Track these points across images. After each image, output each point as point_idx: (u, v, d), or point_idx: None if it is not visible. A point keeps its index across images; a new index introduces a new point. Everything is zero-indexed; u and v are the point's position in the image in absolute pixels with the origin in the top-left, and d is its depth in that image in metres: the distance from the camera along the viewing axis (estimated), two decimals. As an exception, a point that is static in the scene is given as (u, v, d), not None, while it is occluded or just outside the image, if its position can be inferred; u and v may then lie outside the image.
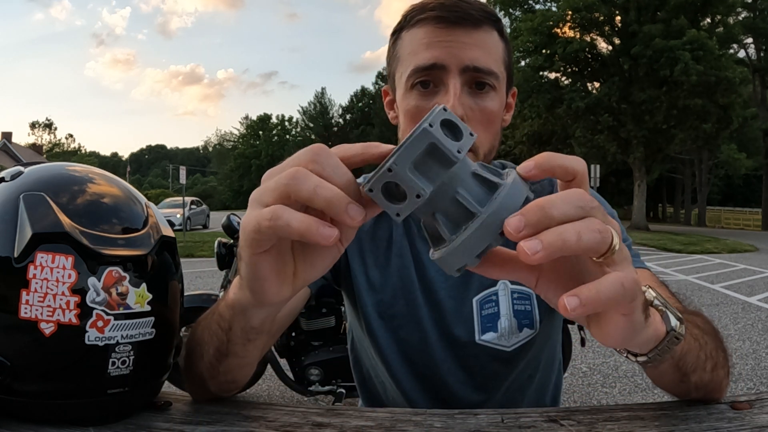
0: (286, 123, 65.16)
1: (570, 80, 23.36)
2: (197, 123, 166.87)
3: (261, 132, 64.50)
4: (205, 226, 22.87)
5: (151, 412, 0.62)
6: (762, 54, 29.63)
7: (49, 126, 65.74)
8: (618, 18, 22.39)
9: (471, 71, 0.76)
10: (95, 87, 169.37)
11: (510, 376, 0.87)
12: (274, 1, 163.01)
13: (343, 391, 2.76)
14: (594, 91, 22.93)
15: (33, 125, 64.40)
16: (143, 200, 0.65)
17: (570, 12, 21.72)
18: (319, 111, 61.41)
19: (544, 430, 0.57)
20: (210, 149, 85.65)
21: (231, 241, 3.20)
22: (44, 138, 64.10)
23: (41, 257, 0.53)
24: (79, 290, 0.54)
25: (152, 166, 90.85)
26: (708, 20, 23.20)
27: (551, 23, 22.05)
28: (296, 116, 66.25)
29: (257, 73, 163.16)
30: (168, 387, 0.68)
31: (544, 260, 0.34)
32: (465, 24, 0.76)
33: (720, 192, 41.22)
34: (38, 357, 0.54)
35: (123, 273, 0.56)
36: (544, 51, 22.10)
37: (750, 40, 29.55)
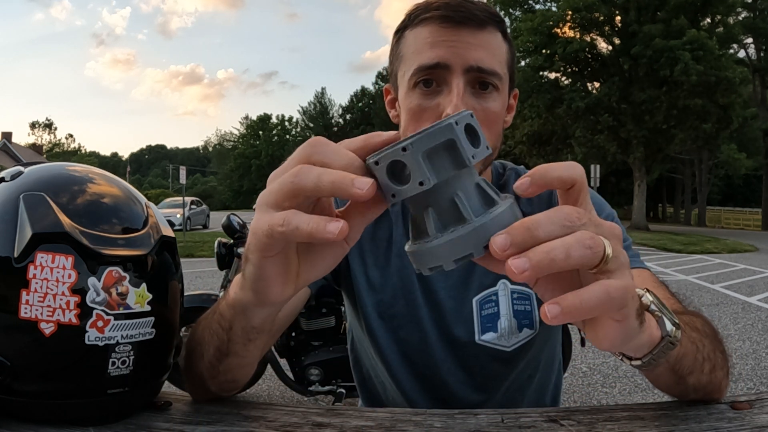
0: (286, 123, 65.20)
1: (570, 80, 23.36)
2: (197, 123, 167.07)
3: (261, 132, 64.52)
4: (205, 226, 22.88)
5: (151, 412, 0.62)
6: (762, 54, 29.64)
7: (49, 126, 65.82)
8: (618, 18, 22.39)
9: (475, 71, 0.76)
10: (95, 87, 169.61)
11: (510, 376, 0.87)
12: (274, 1, 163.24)
13: (343, 391, 2.76)
14: (594, 91, 22.92)
15: (33, 125, 64.47)
16: (143, 200, 0.65)
17: (570, 12, 21.72)
18: (319, 111, 61.46)
19: (544, 430, 0.57)
20: (210, 149, 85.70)
21: (231, 241, 3.20)
22: (44, 138, 64.25)
23: (41, 257, 0.53)
24: (79, 290, 0.54)
25: (152, 166, 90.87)
26: (708, 20, 23.22)
27: (551, 23, 22.05)
28: (296, 116, 66.47)
29: (257, 73, 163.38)
30: (168, 387, 0.68)
31: (531, 278, 0.34)
32: (470, 24, 0.76)
33: (720, 192, 41.24)
34: (38, 357, 0.54)
35: (123, 273, 0.56)
36: (544, 51, 22.10)
37: (750, 40, 29.57)
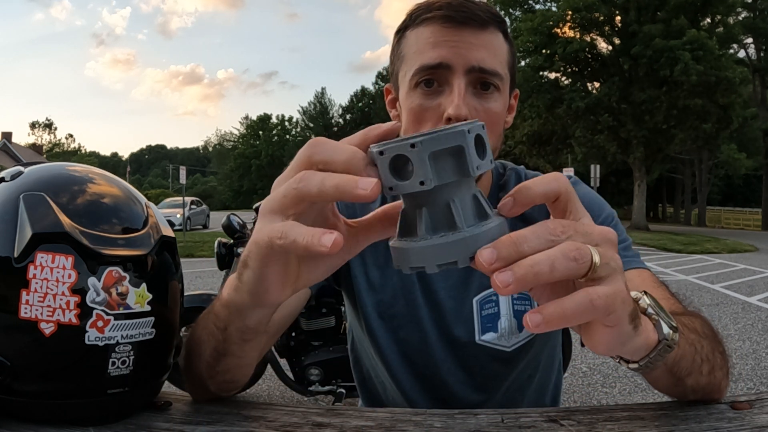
0: (286, 123, 65.23)
1: (570, 80, 23.35)
2: (197, 123, 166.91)
3: (261, 132, 64.55)
4: (205, 226, 22.89)
5: (151, 412, 0.62)
6: (762, 54, 29.64)
7: (49, 126, 65.83)
8: (618, 18, 22.39)
9: (476, 72, 0.75)
10: (95, 87, 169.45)
11: (510, 376, 0.87)
12: (274, 1, 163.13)
13: (343, 391, 2.76)
14: (594, 91, 22.92)
15: (33, 125, 64.48)
16: (143, 200, 0.65)
17: (570, 12, 21.72)
18: (319, 111, 61.47)
19: (544, 430, 0.57)
20: (210, 149, 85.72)
21: (231, 241, 3.20)
22: (44, 138, 64.26)
23: (41, 257, 0.53)
24: (79, 290, 0.54)
25: (152, 166, 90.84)
26: (708, 20, 23.21)
27: (551, 23, 22.05)
28: (296, 116, 66.51)
29: (257, 73, 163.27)
30: (168, 387, 0.68)
31: (516, 292, 0.34)
32: (472, 24, 0.76)
33: (720, 192, 41.23)
34: (38, 357, 0.54)
35: (123, 273, 0.56)
36: (544, 51, 22.09)
37: (750, 40, 29.57)
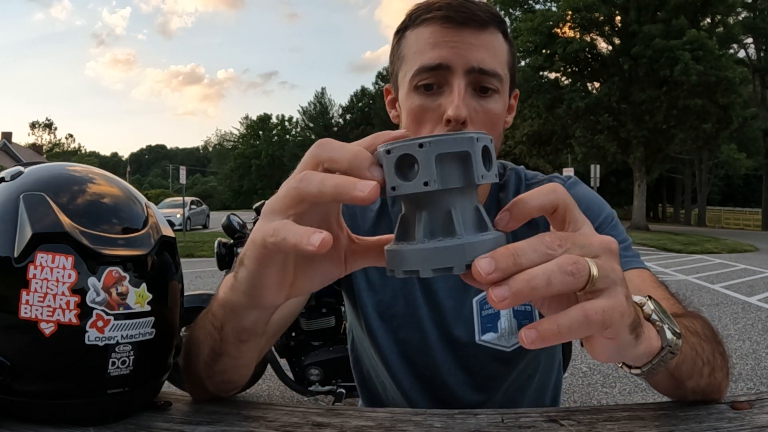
0: (286, 123, 65.23)
1: (570, 80, 23.34)
2: (197, 123, 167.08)
3: (261, 132, 64.56)
4: (205, 226, 22.88)
5: (151, 412, 0.62)
6: (762, 54, 29.64)
7: (49, 126, 65.82)
8: (618, 18, 22.38)
9: (476, 73, 0.75)
10: (95, 87, 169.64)
11: (510, 377, 0.87)
12: (274, 1, 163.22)
13: (343, 391, 2.76)
14: (594, 91, 22.91)
15: (33, 125, 64.45)
16: (143, 200, 0.65)
17: (570, 12, 21.71)
18: (319, 111, 61.43)
19: (544, 430, 0.57)
20: (210, 149, 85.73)
21: (231, 241, 3.20)
22: (44, 138, 64.25)
23: (41, 257, 0.53)
24: (79, 290, 0.54)
25: (152, 166, 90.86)
26: (708, 20, 23.20)
27: (551, 23, 22.04)
28: (296, 116, 66.49)
29: (257, 73, 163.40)
30: (168, 387, 0.68)
31: (512, 306, 0.34)
32: (472, 25, 0.75)
33: (720, 192, 41.23)
34: (38, 357, 0.54)
35: (123, 273, 0.56)
36: (544, 51, 22.08)
37: (750, 40, 29.57)
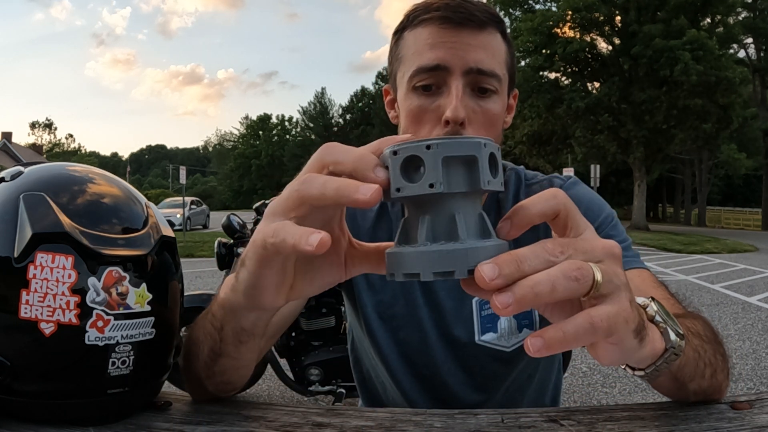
0: (286, 123, 65.24)
1: (570, 80, 23.33)
2: (197, 123, 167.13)
3: (261, 132, 64.57)
4: (205, 226, 22.88)
5: (151, 412, 0.62)
6: (762, 54, 29.63)
7: (49, 126, 65.81)
8: (618, 18, 22.37)
9: (474, 73, 0.75)
10: (95, 87, 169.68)
11: (510, 377, 0.87)
12: (274, 1, 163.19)
13: (343, 391, 2.76)
14: (594, 91, 22.90)
15: (33, 125, 64.44)
16: (143, 200, 0.65)
17: (570, 12, 21.70)
18: (319, 111, 61.42)
19: (544, 430, 0.57)
20: (210, 149, 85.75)
21: (231, 241, 3.20)
22: (44, 138, 64.23)
23: (41, 257, 0.53)
24: (79, 290, 0.54)
25: (152, 166, 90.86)
26: (708, 20, 23.20)
27: (551, 23, 22.03)
28: (296, 116, 66.47)
29: (257, 73, 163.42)
30: (168, 387, 0.68)
31: (515, 312, 0.34)
32: (470, 25, 0.75)
33: (720, 192, 41.22)
34: (38, 357, 0.54)
35: (123, 273, 0.56)
36: (544, 51, 22.07)
37: (750, 40, 29.56)
